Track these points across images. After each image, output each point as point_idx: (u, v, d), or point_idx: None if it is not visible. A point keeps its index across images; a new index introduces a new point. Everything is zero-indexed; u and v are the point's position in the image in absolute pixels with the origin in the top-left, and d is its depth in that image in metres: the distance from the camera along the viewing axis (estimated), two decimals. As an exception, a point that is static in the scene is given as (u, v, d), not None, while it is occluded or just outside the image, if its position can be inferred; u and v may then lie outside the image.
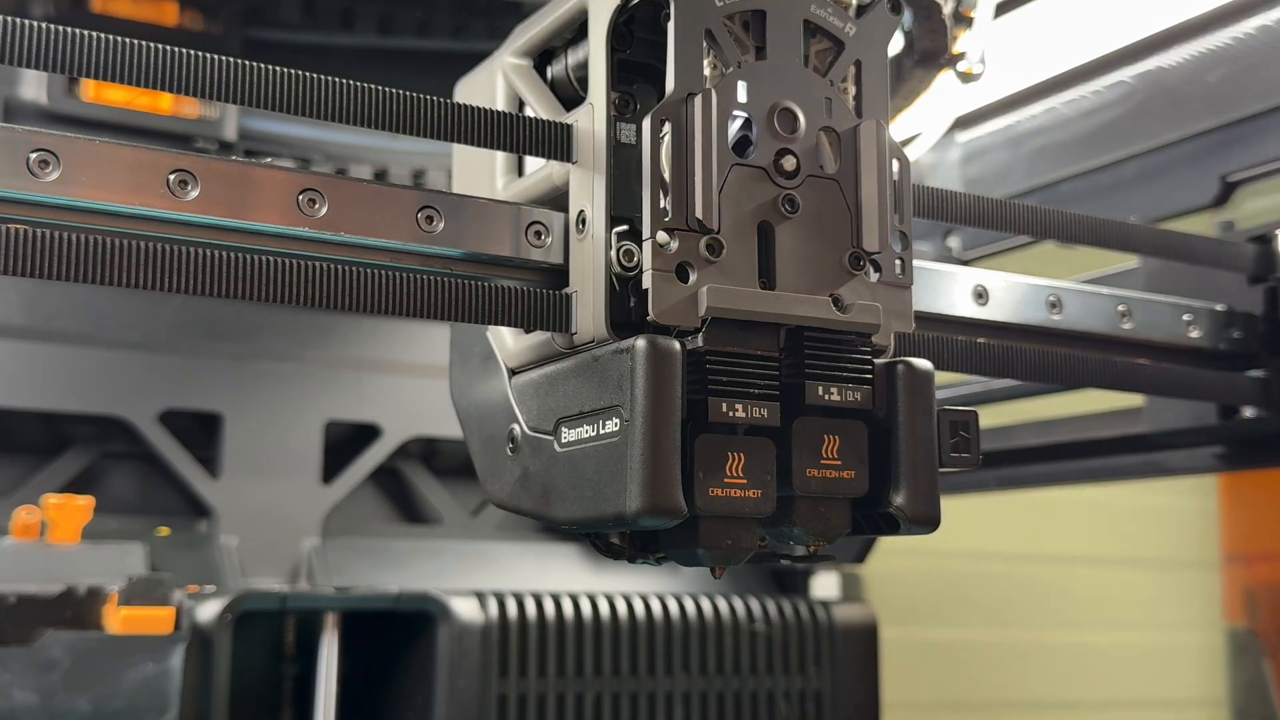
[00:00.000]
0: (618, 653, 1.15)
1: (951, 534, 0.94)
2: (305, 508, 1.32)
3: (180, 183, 0.57)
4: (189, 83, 0.56)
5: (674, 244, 0.57)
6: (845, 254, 0.61)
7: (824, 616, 1.26)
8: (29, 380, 1.24)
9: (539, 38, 0.68)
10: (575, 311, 0.61)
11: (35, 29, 0.54)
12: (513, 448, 0.65)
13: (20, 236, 0.52)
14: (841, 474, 0.59)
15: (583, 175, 0.62)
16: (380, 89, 0.59)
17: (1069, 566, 2.66)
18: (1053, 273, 0.87)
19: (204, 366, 1.31)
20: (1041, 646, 2.61)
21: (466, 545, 1.37)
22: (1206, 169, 1.14)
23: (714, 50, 0.60)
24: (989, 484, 1.33)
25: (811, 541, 0.60)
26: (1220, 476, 2.75)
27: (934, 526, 0.60)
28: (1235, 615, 2.77)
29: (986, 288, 0.81)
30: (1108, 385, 0.83)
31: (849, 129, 0.62)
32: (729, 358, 0.57)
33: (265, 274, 0.56)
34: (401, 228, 0.61)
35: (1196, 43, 1.17)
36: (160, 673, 0.95)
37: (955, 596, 2.52)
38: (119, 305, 1.29)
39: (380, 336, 1.40)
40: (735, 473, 0.56)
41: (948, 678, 2.49)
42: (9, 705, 0.91)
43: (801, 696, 1.23)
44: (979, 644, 2.54)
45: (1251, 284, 0.98)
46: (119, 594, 0.97)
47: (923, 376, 0.61)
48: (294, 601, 1.06)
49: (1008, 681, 2.56)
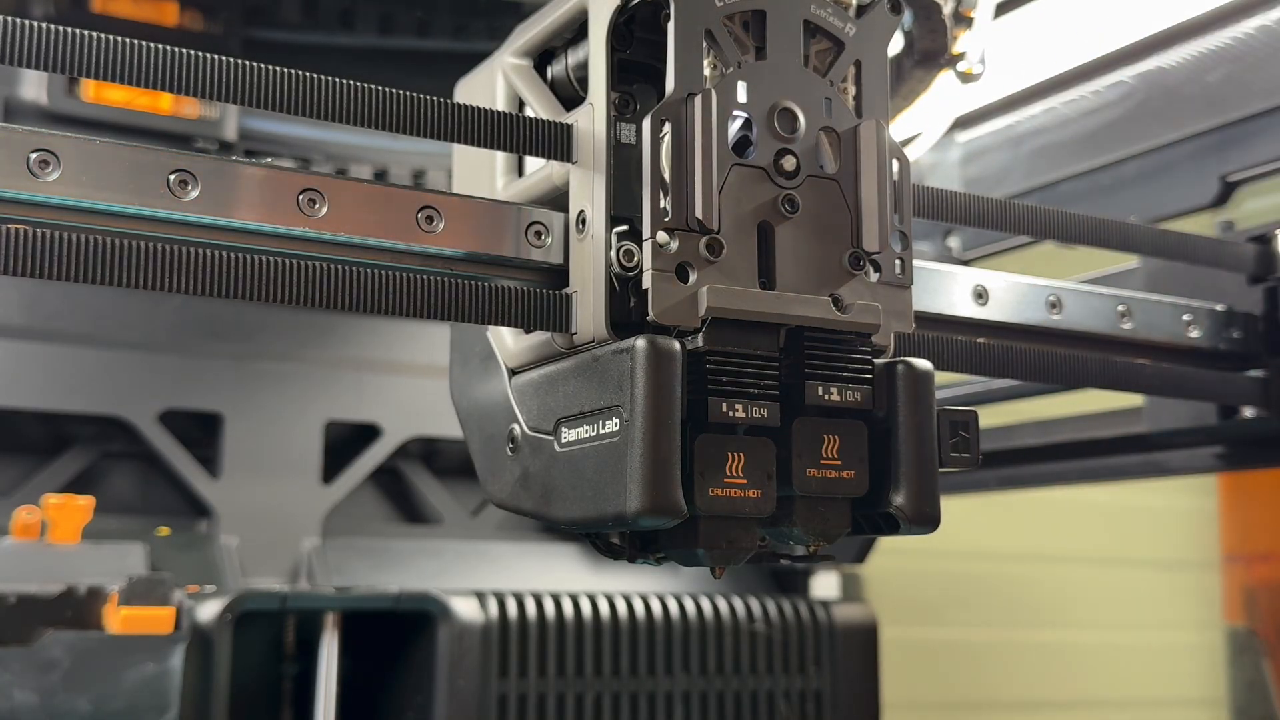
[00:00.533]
0: (618, 653, 1.15)
1: (951, 534, 0.94)
2: (305, 508, 1.32)
3: (180, 183, 0.57)
4: (189, 83, 0.56)
5: (674, 244, 0.57)
6: (845, 254, 0.61)
7: (824, 616, 1.26)
8: (29, 380, 1.24)
9: (539, 38, 0.68)
10: (575, 311, 0.61)
11: (35, 29, 0.54)
12: (513, 448, 0.65)
13: (20, 236, 0.52)
14: (841, 474, 0.59)
15: (583, 175, 0.62)
16: (380, 89, 0.59)
17: (1069, 566, 2.66)
18: (1053, 273, 0.87)
19: (204, 366, 1.31)
20: (1041, 646, 2.61)
21: (466, 545, 1.37)
22: (1206, 169, 1.14)
23: (714, 50, 0.60)
24: (989, 484, 1.33)
25: (811, 541, 0.60)
26: (1220, 476, 2.75)
27: (934, 526, 0.60)
28: (1235, 615, 2.77)
29: (986, 288, 0.81)
30: (1108, 385, 0.83)
31: (849, 129, 0.62)
32: (729, 358, 0.57)
33: (265, 274, 0.56)
34: (401, 228, 0.61)
35: (1196, 43, 1.17)
36: (160, 673, 0.95)
37: (955, 596, 2.52)
38: (119, 305, 1.29)
39: (380, 336, 1.40)
40: (735, 473, 0.56)
41: (948, 678, 2.49)
42: (9, 705, 0.91)
43: (801, 696, 1.23)
44: (979, 644, 2.54)
45: (1251, 284, 0.98)
46: (119, 594, 0.97)
47: (923, 376, 0.61)
48: (294, 601, 1.06)
49: (1008, 681, 2.56)
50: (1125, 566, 2.74)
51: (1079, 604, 2.66)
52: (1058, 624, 2.63)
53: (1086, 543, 2.69)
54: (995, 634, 2.56)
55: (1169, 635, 2.77)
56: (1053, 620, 2.63)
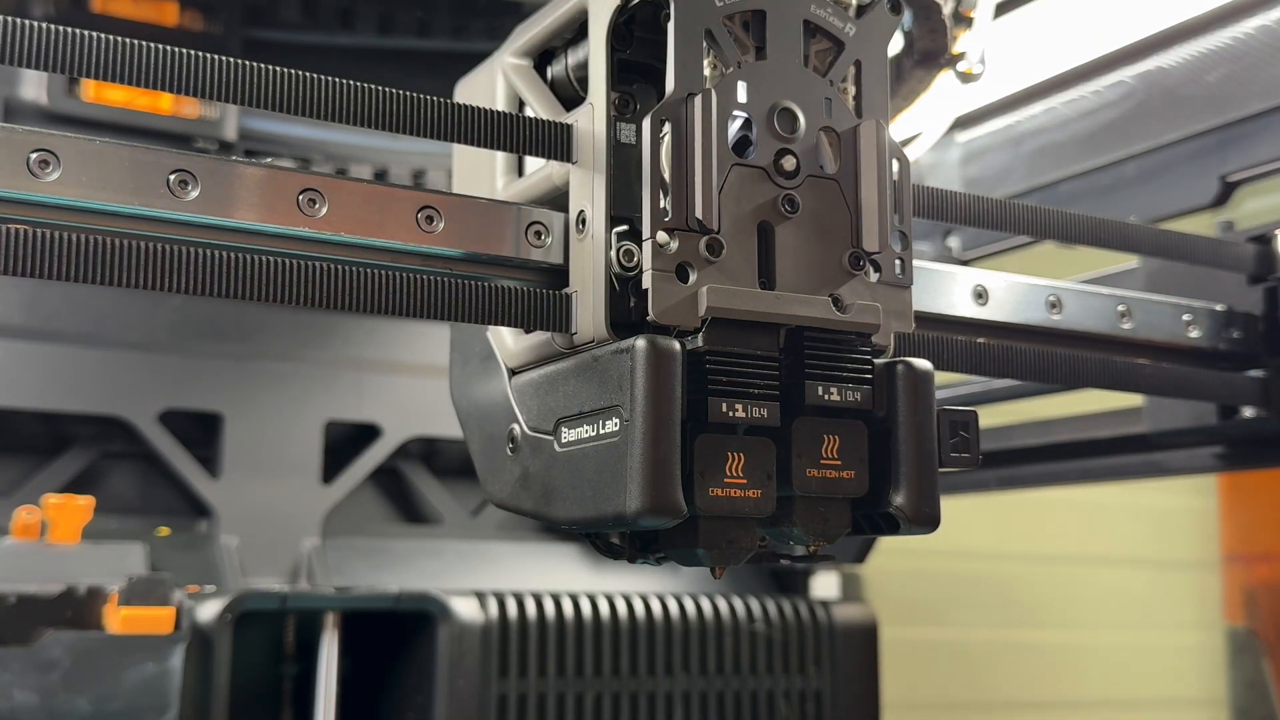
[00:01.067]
0: (618, 653, 1.15)
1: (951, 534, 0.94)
2: (305, 508, 1.32)
3: (180, 183, 0.57)
4: (189, 83, 0.56)
5: (674, 244, 0.57)
6: (845, 254, 0.61)
7: (824, 616, 1.26)
8: (29, 380, 1.24)
9: (539, 38, 0.68)
10: (575, 311, 0.61)
11: (35, 29, 0.54)
12: (513, 448, 0.65)
13: (20, 236, 0.52)
14: (841, 474, 0.59)
15: (583, 175, 0.62)
16: (380, 89, 0.59)
17: (1069, 566, 2.66)
18: (1053, 273, 0.87)
19: (204, 366, 1.31)
20: (1041, 646, 2.61)
21: (466, 545, 1.36)
22: (1206, 169, 1.14)
23: (714, 50, 0.60)
24: (989, 484, 1.33)
25: (811, 541, 0.60)
26: (1220, 476, 2.75)
27: (934, 526, 0.60)
28: (1235, 615, 2.77)
29: (986, 288, 0.81)
30: (1107, 385, 0.83)
31: (849, 129, 0.62)
32: (729, 358, 0.57)
33: (265, 274, 0.56)
34: (401, 228, 0.60)
35: (1196, 43, 1.17)
36: (160, 673, 0.95)
37: (955, 596, 2.52)
38: (119, 305, 1.29)
39: (380, 336, 1.40)
40: (735, 473, 0.56)
41: (948, 678, 2.49)
42: (9, 705, 0.91)
43: (801, 696, 1.23)
44: (979, 644, 2.54)
45: (1251, 284, 0.98)
46: (119, 594, 0.97)
47: (923, 376, 0.61)
48: (294, 601, 1.06)
49: (1008, 681, 2.56)
50: (1125, 566, 2.74)
51: (1079, 604, 2.66)
52: (1058, 624, 2.63)
53: (1086, 543, 2.69)
54: (995, 634, 2.56)
55: (1169, 635, 2.77)
56: (1053, 620, 2.63)
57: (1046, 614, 2.63)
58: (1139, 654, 2.72)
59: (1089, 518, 2.68)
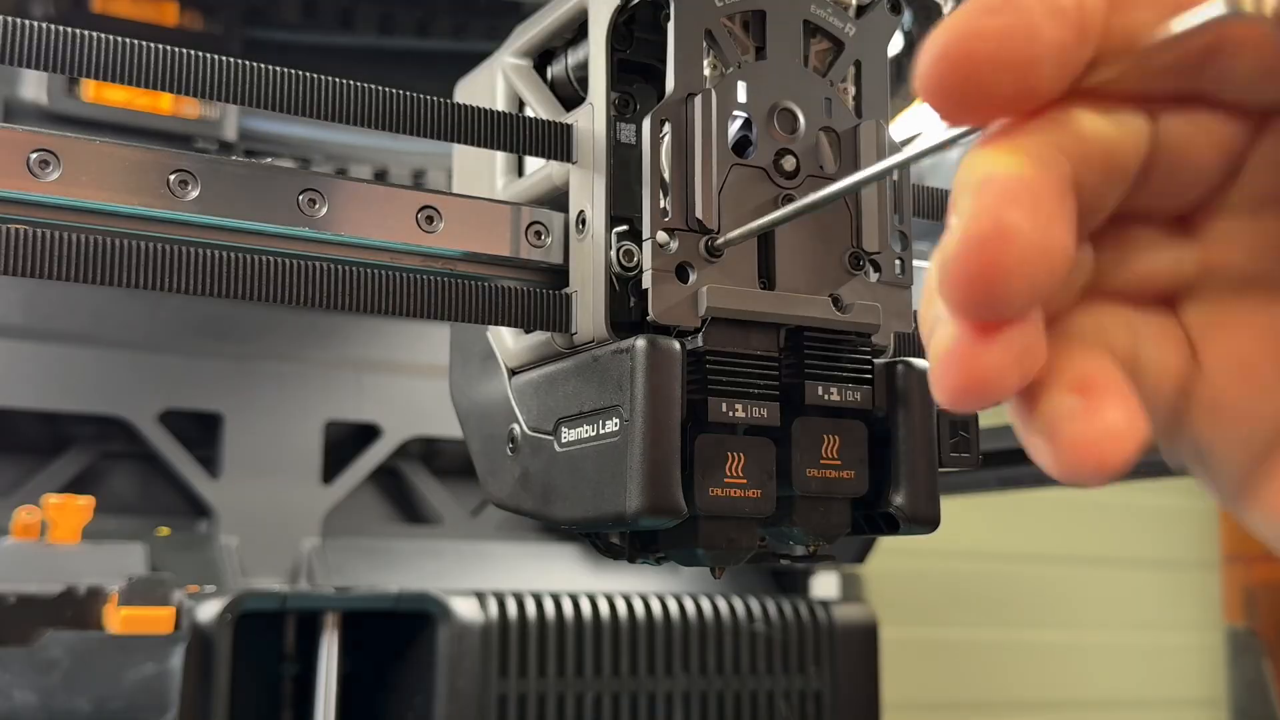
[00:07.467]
0: (618, 653, 1.15)
1: (951, 534, 0.94)
2: (305, 508, 1.32)
3: (180, 183, 0.57)
4: (189, 83, 0.56)
5: (674, 244, 0.57)
6: (845, 254, 0.61)
7: (824, 616, 1.26)
8: (29, 380, 1.24)
9: (539, 38, 0.68)
10: (575, 311, 0.61)
11: (35, 29, 0.54)
12: (513, 448, 0.65)
13: (20, 236, 0.52)
14: (841, 474, 0.59)
15: (583, 175, 0.62)
16: (380, 89, 0.59)
17: (1069, 566, 2.66)
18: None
19: (204, 366, 1.31)
20: (1041, 646, 2.61)
21: (466, 545, 1.36)
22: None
23: (714, 50, 0.60)
24: (989, 484, 1.33)
25: (811, 541, 0.60)
26: (1220, 476, 2.74)
27: (934, 526, 0.60)
28: (1235, 615, 2.77)
29: (986, 288, 0.81)
30: (1108, 385, 0.83)
31: (849, 129, 0.62)
32: (729, 358, 0.57)
33: (265, 274, 0.56)
34: (401, 228, 0.60)
35: (1196, 43, 1.17)
36: (160, 673, 0.95)
37: (955, 596, 2.52)
38: (119, 305, 1.29)
39: (380, 336, 1.40)
40: (735, 472, 0.56)
41: (948, 678, 2.49)
42: (9, 705, 0.91)
43: (801, 696, 1.23)
44: (979, 644, 2.54)
45: (1251, 284, 0.98)
46: (119, 594, 0.97)
47: (923, 376, 0.61)
48: (294, 601, 1.06)
49: (1008, 681, 2.56)
50: (1125, 566, 2.74)
51: (1079, 604, 2.66)
52: (1058, 624, 2.63)
53: (1087, 543, 2.69)
54: (995, 634, 2.56)
55: (1169, 635, 2.77)
56: (1053, 620, 2.63)
57: (1046, 614, 2.63)
58: (1139, 654, 2.72)
59: (1089, 518, 2.68)
